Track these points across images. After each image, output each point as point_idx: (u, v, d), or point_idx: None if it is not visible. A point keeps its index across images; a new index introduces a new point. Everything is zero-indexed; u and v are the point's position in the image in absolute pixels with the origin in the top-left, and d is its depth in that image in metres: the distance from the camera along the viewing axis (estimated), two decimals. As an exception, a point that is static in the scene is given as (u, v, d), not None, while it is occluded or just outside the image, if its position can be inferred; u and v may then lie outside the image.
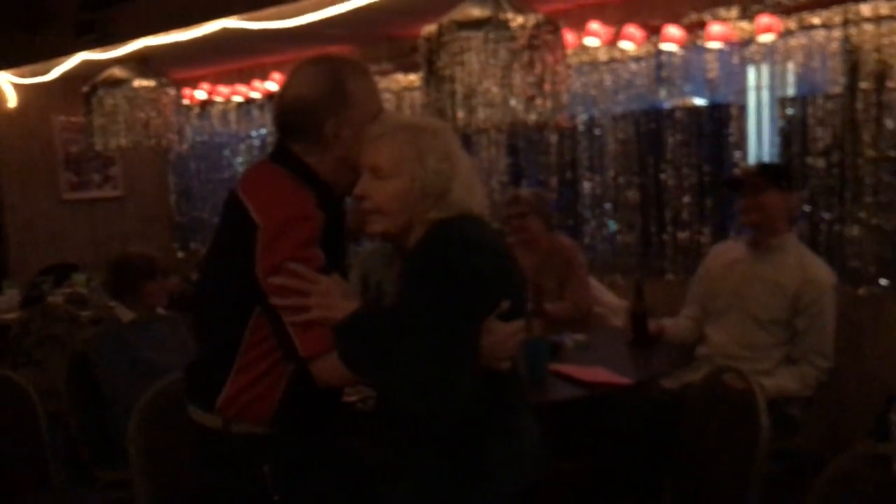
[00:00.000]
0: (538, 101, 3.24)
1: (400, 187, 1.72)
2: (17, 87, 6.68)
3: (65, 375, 3.39)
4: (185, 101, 6.75)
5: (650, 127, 4.66)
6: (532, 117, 3.23)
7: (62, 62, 6.08)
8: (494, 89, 3.23)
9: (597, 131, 4.82)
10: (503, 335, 1.70)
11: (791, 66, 4.07)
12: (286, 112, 1.82)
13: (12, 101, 6.69)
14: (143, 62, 5.23)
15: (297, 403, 1.77)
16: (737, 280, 3.30)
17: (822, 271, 3.21)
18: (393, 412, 1.81)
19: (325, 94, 1.77)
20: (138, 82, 5.04)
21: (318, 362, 1.68)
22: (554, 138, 4.96)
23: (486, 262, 1.68)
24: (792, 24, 3.96)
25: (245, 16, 4.68)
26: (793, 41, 4.01)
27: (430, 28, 3.37)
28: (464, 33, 3.24)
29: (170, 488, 2.53)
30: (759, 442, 2.32)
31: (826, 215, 4.02)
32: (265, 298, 1.68)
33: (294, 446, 1.80)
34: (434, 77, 3.36)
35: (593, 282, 4.06)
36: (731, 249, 3.44)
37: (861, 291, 3.89)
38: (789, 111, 4.16)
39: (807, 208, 4.06)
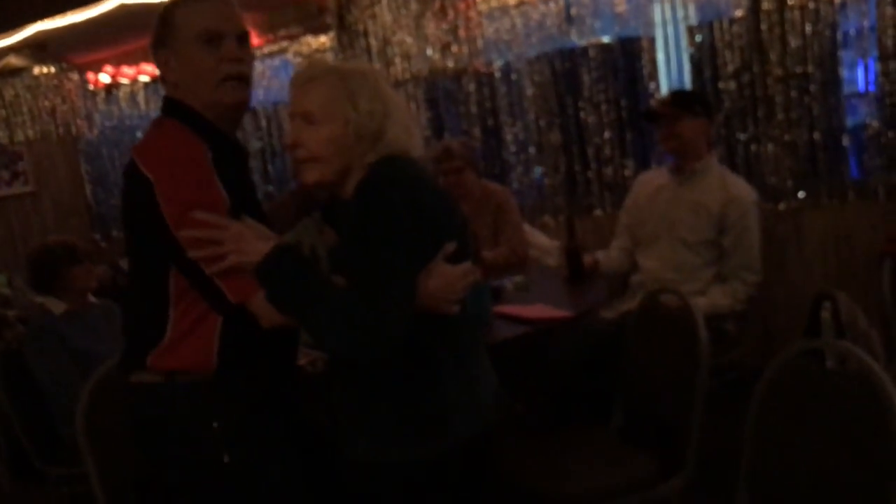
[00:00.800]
0: (454, 49, 3.24)
1: (334, 131, 1.70)
2: None
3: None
4: (90, 87, 6.54)
5: (565, 67, 4.70)
6: (449, 64, 3.24)
7: (-48, 56, 5.80)
8: (409, 40, 3.22)
9: (513, 76, 4.84)
10: (451, 277, 1.69)
11: (695, -5, 4.14)
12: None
13: None
14: (40, 48, 5.04)
15: (238, 345, 1.74)
16: (663, 207, 3.39)
17: (743, 190, 3.32)
18: (346, 367, 1.80)
19: (157, 24, 1.82)
20: (38, 69, 4.87)
21: (253, 303, 1.66)
22: (472, 87, 4.96)
23: (430, 201, 1.67)
24: (693, -49, 4.02)
25: (143, -11, 4.52)
26: (696, -30, 4.07)
27: (337, -16, 3.33)
28: (373, -14, 3.21)
29: (123, 474, 2.49)
30: (700, 357, 2.40)
31: (742, 136, 4.13)
32: (181, 252, 1.66)
33: (241, 393, 1.77)
34: (347, 34, 3.34)
35: (525, 226, 4.10)
36: (656, 177, 3.53)
37: (781, 206, 4.03)
38: (697, 38, 4.24)
39: (722, 131, 4.16)
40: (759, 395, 2.02)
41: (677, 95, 3.53)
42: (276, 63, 5.78)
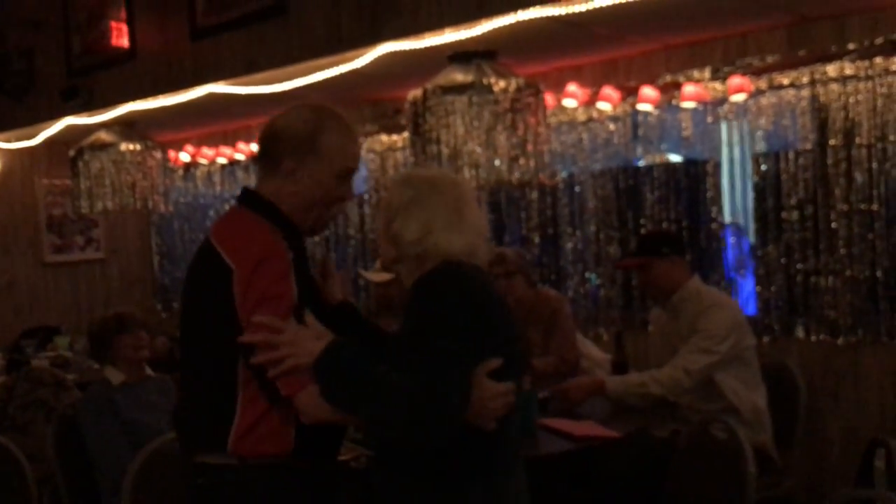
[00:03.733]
0: (521, 161, 3.35)
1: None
2: (1, 151, 6.73)
3: (52, 440, 3.37)
4: (170, 164, 6.84)
5: (628, 183, 4.78)
6: (516, 176, 3.33)
7: (48, 127, 6.14)
8: (479, 150, 3.34)
9: (577, 188, 4.93)
10: (491, 393, 1.72)
11: (763, 124, 4.21)
12: (262, 132, 1.97)
13: (-3, 165, 6.75)
14: (128, 126, 5.32)
15: (312, 432, 1.79)
16: (666, 343, 3.48)
17: (717, 300, 3.41)
18: (382, 469, 1.84)
19: (296, 135, 1.89)
20: (125, 146, 5.11)
21: (300, 398, 1.72)
22: (535, 195, 5.06)
23: (486, 301, 1.76)
24: (762, 83, 4.11)
25: (231, 81, 4.77)
26: (763, 100, 4.15)
27: (416, 92, 3.48)
28: (448, 97, 3.36)
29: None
30: (746, 489, 2.37)
31: (802, 266, 4.13)
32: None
33: (309, 479, 1.82)
34: (420, 139, 3.47)
35: (578, 336, 4.12)
36: (657, 314, 3.61)
37: (839, 341, 3.98)
38: (763, 167, 4.29)
39: (783, 260, 4.17)
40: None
41: (643, 241, 3.69)
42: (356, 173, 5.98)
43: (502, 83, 3.37)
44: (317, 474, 1.86)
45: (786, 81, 4.05)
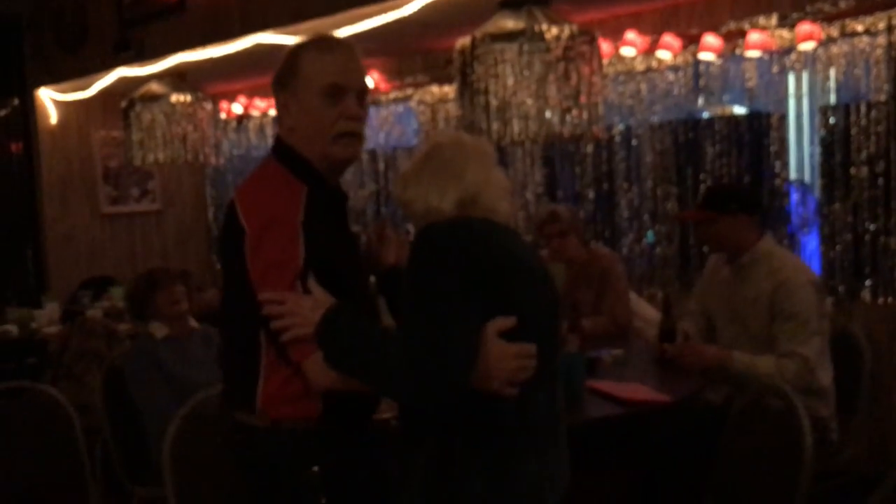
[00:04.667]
0: (574, 113, 3.20)
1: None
2: (57, 103, 6.79)
3: (100, 391, 3.40)
4: (222, 115, 6.83)
5: (688, 137, 4.60)
6: (567, 129, 3.19)
7: (101, 78, 6.17)
8: (529, 101, 3.20)
9: (634, 142, 4.76)
10: (501, 354, 1.60)
11: (833, 74, 3.98)
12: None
13: (53, 116, 6.80)
14: (180, 77, 5.29)
15: (341, 396, 1.74)
16: (726, 299, 3.25)
17: (792, 272, 3.10)
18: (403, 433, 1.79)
19: (282, 66, 1.84)
20: (175, 97, 5.08)
21: (306, 366, 1.69)
22: (590, 149, 4.91)
23: (485, 255, 1.66)
24: (834, 31, 3.87)
25: (279, 30, 4.70)
26: (835, 49, 3.92)
27: (464, 41, 3.34)
28: (498, 45, 3.21)
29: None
30: (804, 463, 2.25)
31: (870, 226, 3.92)
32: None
33: (342, 440, 1.79)
34: (468, 90, 3.33)
35: (632, 295, 3.99)
36: (719, 266, 3.36)
37: (907, 303, 3.78)
38: (831, 120, 4.07)
39: (850, 219, 3.97)
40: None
41: (710, 195, 3.38)
42: (400, 109, 5.88)
43: (555, 30, 3.20)
44: (348, 438, 1.82)
45: (860, 28, 3.80)
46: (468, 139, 1.90)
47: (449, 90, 5.35)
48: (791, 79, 4.18)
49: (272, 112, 6.60)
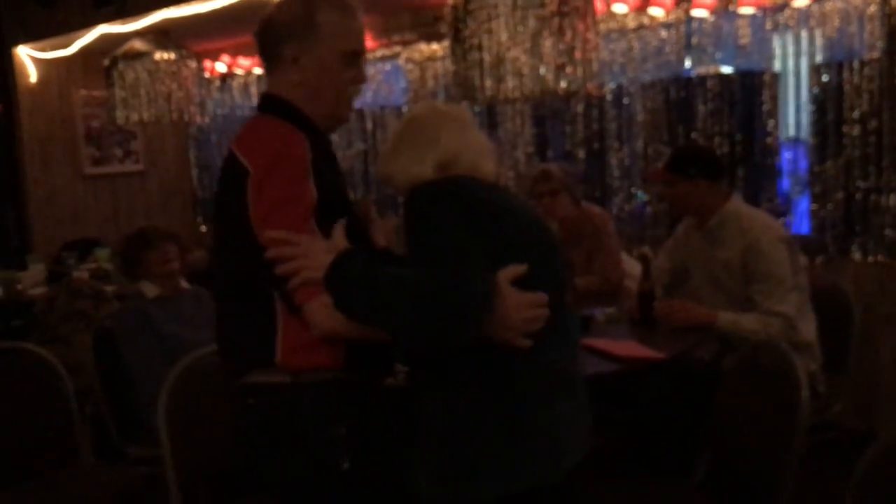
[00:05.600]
0: (569, 70, 3.16)
1: None
2: (37, 61, 6.65)
3: (92, 350, 3.37)
4: (206, 74, 6.72)
5: (680, 95, 4.57)
6: (563, 86, 3.15)
7: (82, 35, 6.04)
8: (523, 57, 3.15)
9: (625, 100, 4.73)
10: (516, 302, 1.57)
11: (826, 31, 3.95)
12: (259, 27, 1.84)
13: (33, 75, 6.67)
14: (163, 34, 5.18)
15: (363, 344, 1.69)
16: (700, 262, 3.25)
17: (760, 230, 3.08)
18: (421, 390, 1.75)
19: (291, 18, 1.78)
20: (159, 55, 4.98)
21: (307, 309, 1.63)
22: (580, 108, 4.87)
23: (476, 202, 1.65)
24: (828, -13, 3.84)
25: (265, -15, 4.60)
26: (828, 5, 3.90)
27: (456, -5, 3.29)
28: (491, 0, 3.16)
29: (199, 463, 2.52)
30: (799, 415, 2.26)
31: (862, 184, 3.93)
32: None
33: (366, 397, 1.74)
34: (460, 46, 3.28)
35: (623, 255, 3.99)
36: (690, 230, 3.35)
37: (898, 262, 3.81)
38: (824, 78, 4.05)
39: (841, 178, 3.97)
40: (863, 468, 1.88)
41: (673, 158, 3.33)
42: (388, 67, 5.81)
43: (549, -15, 3.15)
44: (368, 390, 1.77)
45: (854, -16, 3.78)
46: (442, 106, 1.92)
47: (438, 48, 5.29)
48: (787, 37, 4.15)
49: (257, 70, 6.51)
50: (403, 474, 1.74)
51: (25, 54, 6.60)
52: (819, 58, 4.08)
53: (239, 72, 6.67)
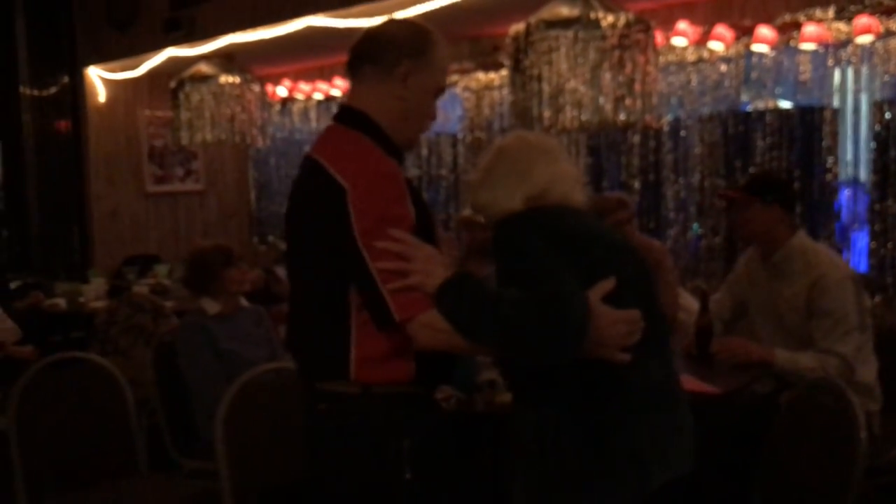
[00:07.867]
0: (628, 102, 3.19)
1: None
2: (106, 81, 6.88)
3: (151, 365, 3.46)
4: (267, 98, 6.88)
5: (738, 129, 4.55)
6: (621, 118, 3.18)
7: (150, 58, 6.24)
8: (582, 89, 3.19)
9: (682, 133, 4.73)
10: (608, 319, 1.63)
11: (890, 68, 3.92)
12: (370, 38, 1.85)
13: (102, 95, 6.89)
14: (228, 58, 5.33)
15: (432, 359, 1.74)
16: (763, 296, 3.20)
17: (827, 267, 3.03)
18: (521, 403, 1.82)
19: (412, 37, 1.83)
20: (224, 78, 5.12)
21: (414, 323, 1.66)
22: (637, 139, 4.88)
23: (563, 227, 1.74)
24: (893, 24, 3.81)
25: (331, 13, 4.72)
26: (892, 42, 3.86)
27: (518, 27, 3.34)
28: (552, 32, 3.21)
29: (254, 480, 2.56)
30: (857, 458, 2.23)
31: (923, 225, 3.87)
32: (361, 261, 1.67)
33: (432, 410, 1.81)
34: (521, 76, 3.34)
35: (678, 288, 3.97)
36: (753, 264, 3.30)
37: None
38: (886, 115, 4.01)
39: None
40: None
41: (752, 180, 3.33)
42: (445, 95, 5.88)
43: (610, 18, 3.19)
44: (432, 404, 1.84)
45: (919, 22, 3.75)
46: (532, 137, 1.97)
47: (495, 77, 5.34)
48: (846, 73, 4.12)
49: (317, 96, 6.63)
50: (461, 487, 1.79)
51: (96, 75, 6.83)
52: (879, 95, 4.04)
53: (299, 96, 6.81)
